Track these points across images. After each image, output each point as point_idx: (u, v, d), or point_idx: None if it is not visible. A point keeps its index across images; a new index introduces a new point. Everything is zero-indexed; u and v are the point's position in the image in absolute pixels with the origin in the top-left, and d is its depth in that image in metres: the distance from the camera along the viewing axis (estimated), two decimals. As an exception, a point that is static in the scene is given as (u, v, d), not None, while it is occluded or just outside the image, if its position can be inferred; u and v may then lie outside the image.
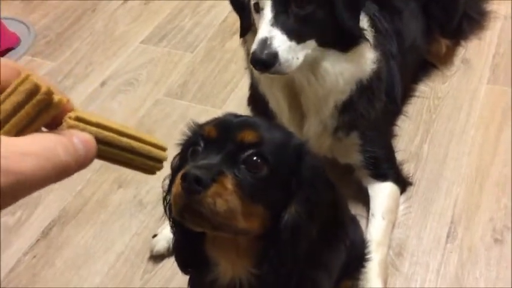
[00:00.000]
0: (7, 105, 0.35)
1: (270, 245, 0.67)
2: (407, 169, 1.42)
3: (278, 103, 1.26)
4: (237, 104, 1.68)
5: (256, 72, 1.16)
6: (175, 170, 0.74)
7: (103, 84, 1.81)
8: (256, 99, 1.37)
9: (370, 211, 1.29)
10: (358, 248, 1.06)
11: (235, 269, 0.71)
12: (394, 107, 1.45)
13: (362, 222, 1.26)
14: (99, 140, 0.38)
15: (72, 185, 1.50)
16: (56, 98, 0.36)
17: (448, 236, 1.28)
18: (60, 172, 0.34)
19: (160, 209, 1.45)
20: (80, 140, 0.36)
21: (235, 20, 1.95)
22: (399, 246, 1.27)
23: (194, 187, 0.59)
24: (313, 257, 0.70)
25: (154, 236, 1.33)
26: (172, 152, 0.70)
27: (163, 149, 0.44)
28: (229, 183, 0.62)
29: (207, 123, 0.71)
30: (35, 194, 1.54)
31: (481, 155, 1.45)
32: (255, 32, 1.14)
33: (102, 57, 1.92)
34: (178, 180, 0.61)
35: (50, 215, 1.44)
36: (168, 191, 0.76)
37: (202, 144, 0.68)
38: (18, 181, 0.32)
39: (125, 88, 1.79)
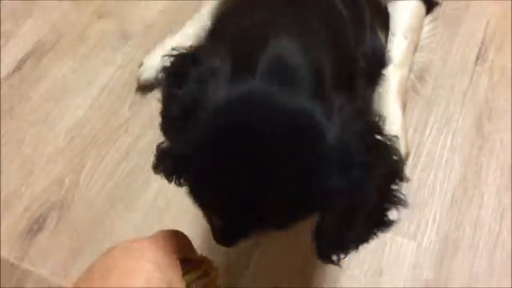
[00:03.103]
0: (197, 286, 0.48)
1: None
2: (434, -12, 1.23)
3: None
4: None
5: None
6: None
7: None
8: None
9: (391, 30, 1.11)
10: (377, 54, 0.92)
11: None
12: None
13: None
14: None
15: (47, 17, 1.31)
16: None
17: (477, 58, 1.12)
18: None
19: (147, 41, 1.30)
20: None
21: None
22: (421, 70, 1.11)
23: None
24: None
25: (141, 65, 1.17)
26: None
27: None
28: None
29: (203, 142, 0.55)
30: (7, 27, 1.36)
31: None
32: None
33: None
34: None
35: (25, 47, 1.27)
36: (164, 133, 0.68)
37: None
38: None
39: None
